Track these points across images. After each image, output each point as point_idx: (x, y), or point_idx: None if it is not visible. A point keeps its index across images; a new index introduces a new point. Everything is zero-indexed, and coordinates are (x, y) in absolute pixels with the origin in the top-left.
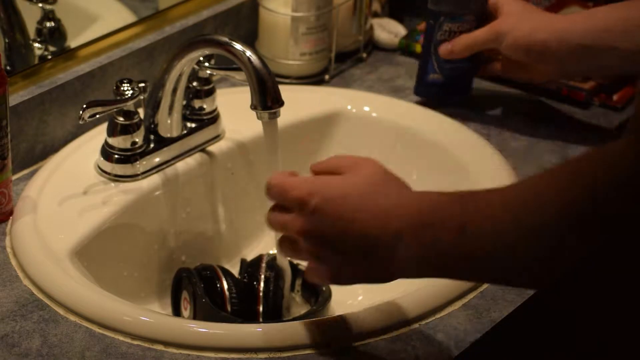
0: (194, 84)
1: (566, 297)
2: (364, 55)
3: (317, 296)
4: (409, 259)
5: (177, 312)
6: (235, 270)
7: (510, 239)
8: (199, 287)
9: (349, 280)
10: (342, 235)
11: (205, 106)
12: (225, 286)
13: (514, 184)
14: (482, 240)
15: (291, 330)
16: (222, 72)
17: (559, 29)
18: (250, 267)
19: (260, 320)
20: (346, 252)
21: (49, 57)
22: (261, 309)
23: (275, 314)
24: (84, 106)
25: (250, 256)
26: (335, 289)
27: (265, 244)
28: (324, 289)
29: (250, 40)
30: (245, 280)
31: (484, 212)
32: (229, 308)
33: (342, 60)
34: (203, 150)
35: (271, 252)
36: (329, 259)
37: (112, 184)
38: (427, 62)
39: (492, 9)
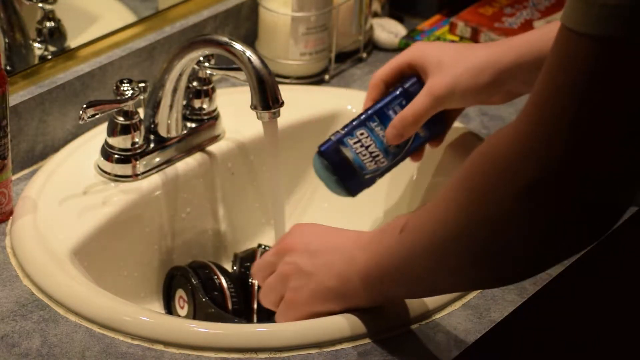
0: (194, 84)
1: (566, 297)
2: (364, 55)
3: None
4: (360, 266)
5: (169, 310)
6: (229, 265)
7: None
8: (198, 287)
9: (306, 305)
10: (315, 241)
11: (205, 106)
12: (225, 285)
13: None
14: (414, 234)
15: (291, 330)
16: (222, 72)
17: (496, 61)
18: (245, 261)
19: (255, 316)
20: (312, 263)
21: (49, 57)
22: (256, 306)
23: (270, 310)
24: (84, 106)
25: None
26: None
27: (265, 243)
28: None
29: (250, 40)
30: (241, 275)
31: (420, 213)
32: (230, 306)
33: (342, 60)
34: (203, 150)
35: (264, 245)
36: (295, 277)
37: (112, 184)
38: (355, 127)
39: (411, 68)
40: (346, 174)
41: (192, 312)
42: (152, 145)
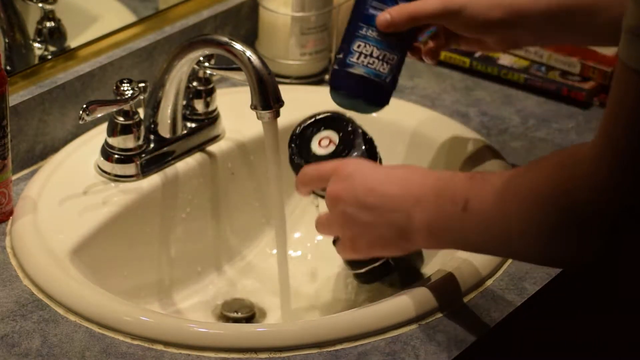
0: (194, 84)
1: (566, 297)
2: None
3: None
4: (421, 225)
5: (305, 150)
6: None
7: (500, 223)
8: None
9: (367, 249)
10: (370, 195)
11: (205, 106)
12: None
13: (514, 170)
14: (480, 216)
15: (291, 330)
16: (222, 72)
17: (517, 5)
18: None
19: None
20: (370, 216)
21: (49, 57)
22: None
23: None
24: (84, 106)
25: (250, 256)
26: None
27: (265, 243)
28: None
29: (250, 40)
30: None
31: (486, 193)
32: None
33: None
34: (203, 150)
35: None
36: (352, 225)
37: (112, 184)
38: (349, 44)
39: None
40: (369, 91)
41: (340, 152)
42: (152, 145)
